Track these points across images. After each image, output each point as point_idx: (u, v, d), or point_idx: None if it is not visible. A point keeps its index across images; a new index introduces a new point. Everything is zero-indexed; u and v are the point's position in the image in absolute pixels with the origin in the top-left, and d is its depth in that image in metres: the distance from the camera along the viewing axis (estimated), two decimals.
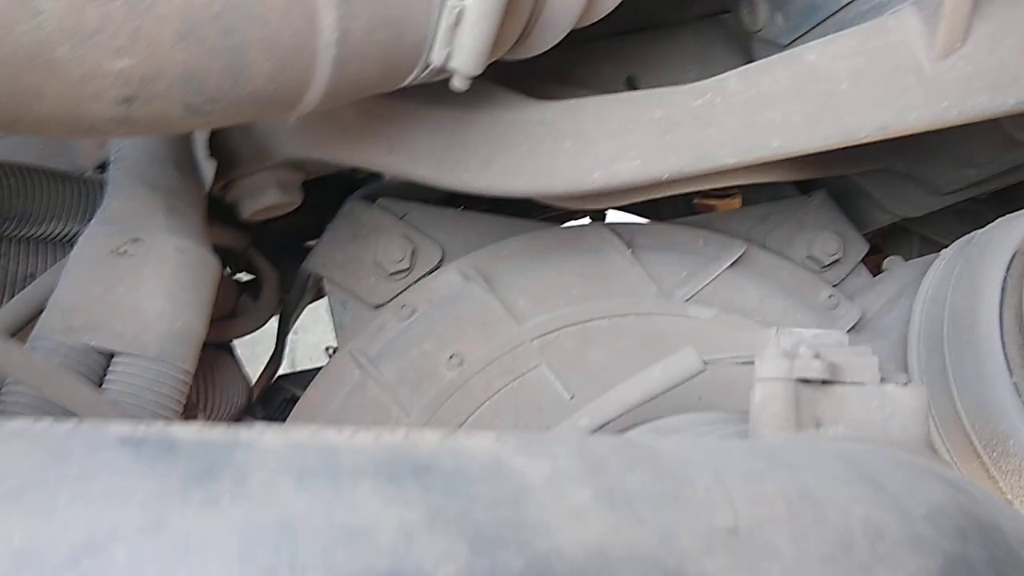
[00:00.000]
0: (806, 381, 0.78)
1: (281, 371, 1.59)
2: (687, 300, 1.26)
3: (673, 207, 1.61)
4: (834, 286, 1.36)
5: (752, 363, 0.96)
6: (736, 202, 1.70)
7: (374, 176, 1.46)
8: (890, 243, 1.65)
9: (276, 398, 1.53)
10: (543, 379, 1.20)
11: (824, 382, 0.78)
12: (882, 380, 0.79)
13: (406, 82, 0.92)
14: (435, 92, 1.04)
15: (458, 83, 0.93)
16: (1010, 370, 1.11)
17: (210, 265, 1.03)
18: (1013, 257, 1.16)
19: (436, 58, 0.90)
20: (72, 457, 0.47)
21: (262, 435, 0.51)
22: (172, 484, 0.46)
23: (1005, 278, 1.15)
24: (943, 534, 0.56)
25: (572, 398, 1.20)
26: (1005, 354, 1.11)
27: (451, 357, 1.19)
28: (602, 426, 1.04)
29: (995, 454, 1.13)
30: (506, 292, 1.23)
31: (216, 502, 0.45)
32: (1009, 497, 1.13)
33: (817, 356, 0.79)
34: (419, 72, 0.92)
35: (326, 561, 0.43)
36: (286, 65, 0.80)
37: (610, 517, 0.47)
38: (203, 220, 1.08)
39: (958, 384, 1.16)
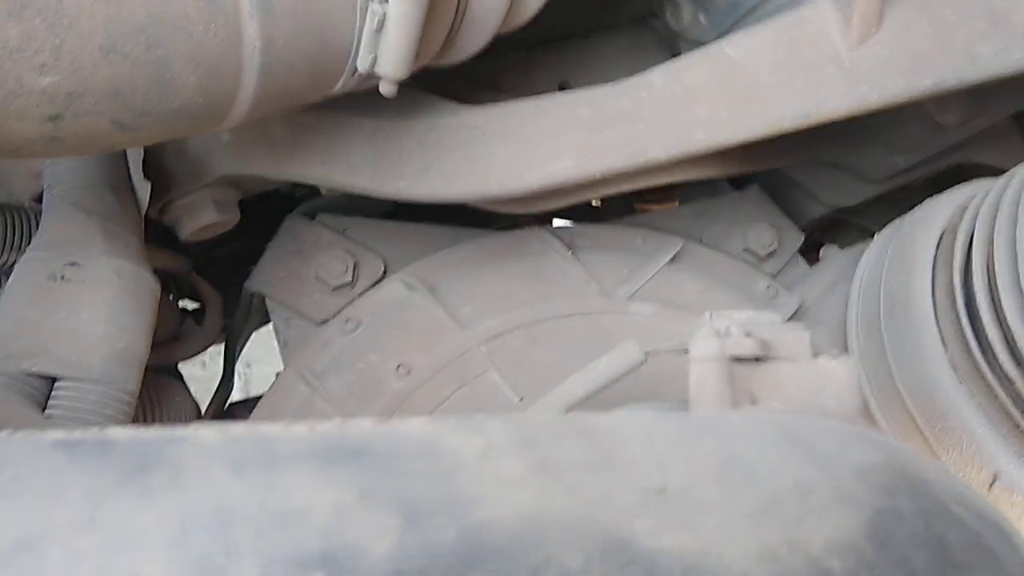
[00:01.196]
0: (739, 359, 0.80)
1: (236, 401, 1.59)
2: (629, 298, 1.28)
3: (615, 214, 1.63)
4: (772, 277, 1.39)
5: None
6: (674, 205, 1.72)
7: (315, 193, 1.46)
8: (829, 237, 1.68)
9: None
10: (492, 384, 1.20)
11: (757, 359, 0.80)
12: (814, 355, 0.81)
13: (335, 89, 0.93)
14: (367, 102, 1.06)
15: (386, 88, 0.94)
16: (945, 346, 1.14)
17: (149, 286, 1.03)
18: (942, 236, 1.20)
19: (362, 64, 0.91)
20: (6, 462, 0.47)
21: (198, 431, 0.51)
22: (106, 481, 0.46)
23: (935, 257, 1.18)
24: (872, 490, 0.57)
25: (522, 400, 1.21)
26: (940, 331, 1.14)
27: (398, 367, 1.19)
28: None
29: (936, 429, 1.15)
30: (451, 300, 1.24)
31: (151, 494, 0.46)
32: (952, 471, 1.15)
33: (749, 334, 0.81)
34: (347, 79, 0.93)
35: (261, 544, 0.43)
36: (212, 76, 0.80)
37: (542, 485, 0.48)
38: (141, 242, 1.07)
39: (897, 363, 1.18)
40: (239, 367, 1.35)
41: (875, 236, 1.35)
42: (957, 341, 1.13)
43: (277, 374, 1.32)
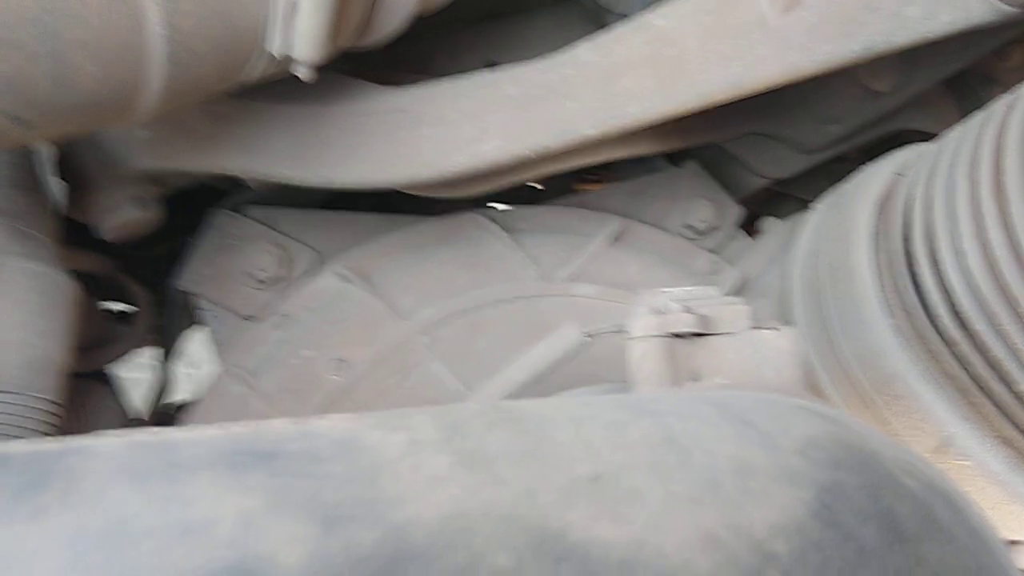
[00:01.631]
0: (679, 336, 0.78)
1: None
2: (569, 279, 1.26)
3: (554, 195, 1.61)
4: (713, 252, 1.37)
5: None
6: (612, 184, 1.70)
7: (242, 187, 1.42)
8: (769, 209, 1.67)
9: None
10: (434, 374, 1.17)
11: (697, 335, 0.78)
12: (754, 328, 0.79)
13: (250, 77, 0.89)
14: (287, 88, 1.02)
15: (303, 73, 0.90)
16: (889, 312, 1.13)
17: (66, 289, 0.98)
18: (879, 203, 1.19)
19: (276, 48, 0.87)
20: None
21: (98, 440, 0.47)
22: (1, 500, 0.43)
23: (875, 224, 1.17)
24: (816, 465, 0.55)
25: (468, 389, 1.18)
26: (883, 297, 1.13)
27: (335, 362, 1.15)
28: None
29: (885, 397, 1.14)
30: (387, 289, 1.20)
31: (44, 512, 0.42)
32: (905, 438, 1.15)
33: (687, 310, 0.79)
34: (261, 65, 0.89)
35: (162, 560, 0.40)
36: (114, 67, 0.76)
37: (469, 480, 0.45)
38: (55, 243, 1.02)
39: (842, 333, 1.18)
40: (188, 369, 1.30)
41: (814, 207, 1.34)
42: (900, 307, 1.13)
43: None
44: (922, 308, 1.11)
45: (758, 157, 1.52)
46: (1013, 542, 1.23)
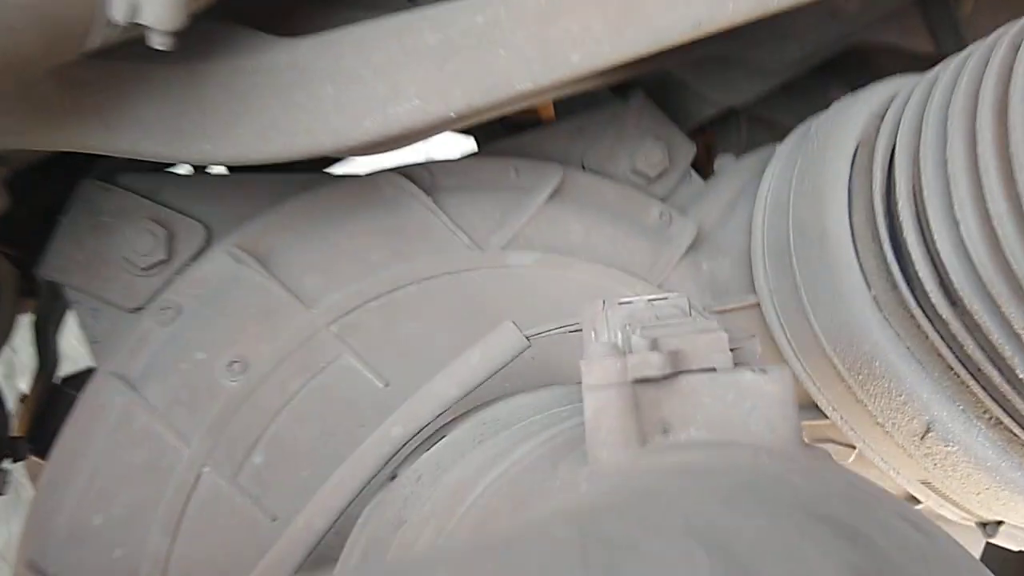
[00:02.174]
0: (645, 380, 0.62)
1: None
2: (504, 247, 1.09)
3: (481, 139, 1.43)
4: (664, 200, 1.21)
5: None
6: (550, 121, 1.51)
7: None
8: (719, 140, 1.50)
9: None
10: (349, 370, 1.01)
11: (666, 376, 0.63)
12: (736, 365, 0.64)
13: (90, 47, 0.69)
14: None
15: (159, 42, 0.71)
16: (868, 284, 0.99)
17: None
18: (856, 151, 1.04)
19: (118, 14, 0.67)
20: None
21: None
22: None
23: (850, 178, 1.02)
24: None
25: (387, 386, 1.02)
26: (860, 266, 0.99)
27: (231, 364, 0.98)
28: (419, 432, 0.87)
29: (861, 377, 1.02)
30: (288, 271, 1.03)
31: None
32: (880, 420, 1.03)
33: (654, 347, 0.63)
34: (103, 32, 0.69)
35: None
36: None
37: None
38: None
39: (813, 304, 1.04)
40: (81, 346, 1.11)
41: (777, 148, 1.18)
42: (881, 277, 0.99)
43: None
44: (905, 279, 0.97)
45: (711, 83, 1.34)
46: (998, 522, 1.14)
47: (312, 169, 1.18)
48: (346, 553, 0.87)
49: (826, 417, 1.11)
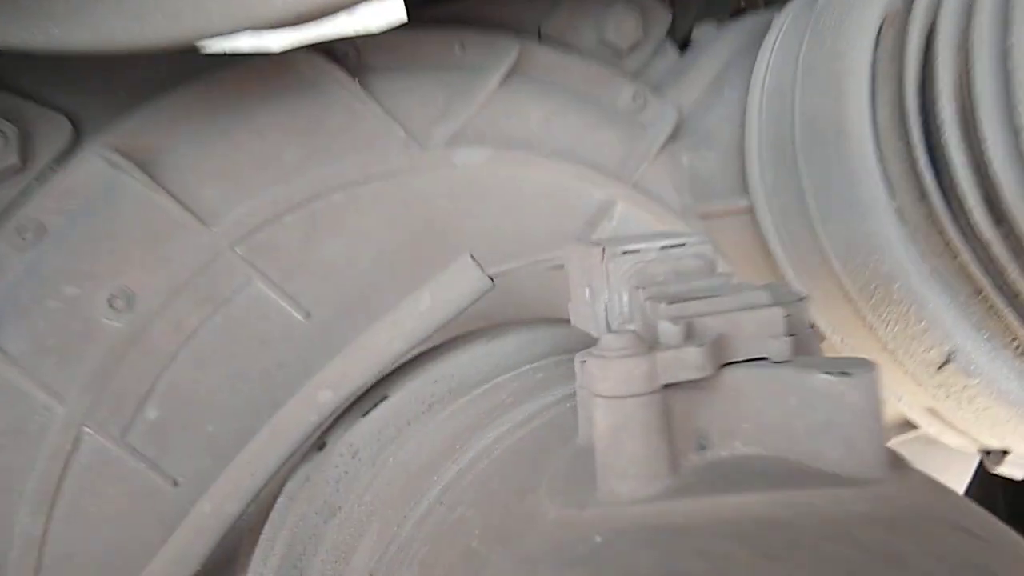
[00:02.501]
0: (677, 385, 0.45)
1: None
2: (449, 143, 0.89)
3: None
4: (637, 77, 1.01)
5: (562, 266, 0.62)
6: None
7: None
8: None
9: None
10: (261, 299, 0.82)
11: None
12: (799, 358, 0.47)
13: None
14: None
15: None
16: (891, 192, 0.83)
17: None
18: (881, 28, 0.85)
19: None
20: None
21: None
22: None
23: (874, 62, 0.84)
24: None
25: (308, 317, 0.83)
26: (883, 171, 0.83)
27: (112, 299, 0.78)
28: (353, 395, 0.69)
29: (874, 300, 0.87)
30: (182, 179, 0.81)
31: None
32: (890, 347, 0.89)
33: (689, 334, 0.46)
34: None
35: None
36: None
37: None
38: None
39: (822, 213, 0.87)
40: None
41: (775, 18, 0.98)
42: (908, 185, 0.82)
43: None
44: (939, 192, 0.81)
45: None
46: (1003, 452, 1.03)
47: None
48: (264, 545, 0.71)
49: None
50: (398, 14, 0.96)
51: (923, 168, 0.80)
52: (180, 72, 0.85)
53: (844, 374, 0.44)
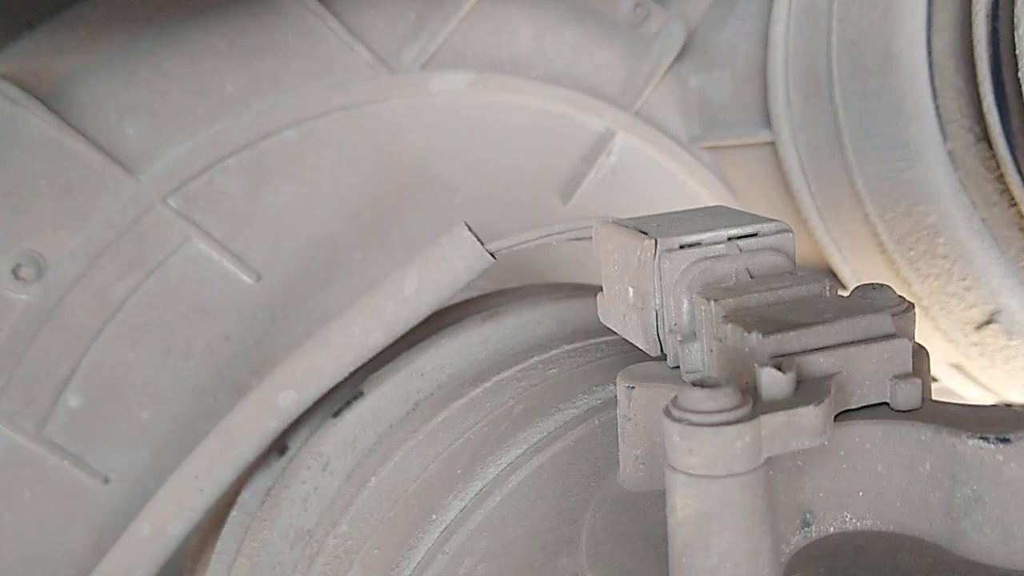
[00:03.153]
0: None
1: None
2: (424, 66, 0.74)
3: None
4: None
5: (588, 238, 0.49)
6: None
7: None
8: None
9: None
10: (201, 260, 0.68)
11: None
12: (929, 405, 0.35)
13: None
14: None
15: None
16: (943, 132, 0.71)
17: None
18: None
19: None
20: None
21: None
22: None
23: None
24: None
25: (259, 280, 0.70)
26: (937, 107, 0.71)
27: (17, 268, 0.64)
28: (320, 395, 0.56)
29: (913, 253, 0.76)
30: (98, 116, 0.66)
31: None
32: (925, 304, 0.78)
33: (801, 384, 0.34)
34: None
35: None
36: None
37: None
38: None
39: (859, 151, 0.75)
40: None
41: None
42: (964, 126, 0.71)
43: None
44: (1004, 134, 0.69)
45: None
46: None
47: None
48: (219, 573, 0.59)
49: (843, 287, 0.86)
50: None
51: (988, 105, 0.68)
52: None
53: (1002, 440, 0.33)
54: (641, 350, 0.43)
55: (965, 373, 0.87)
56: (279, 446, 0.61)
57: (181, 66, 0.68)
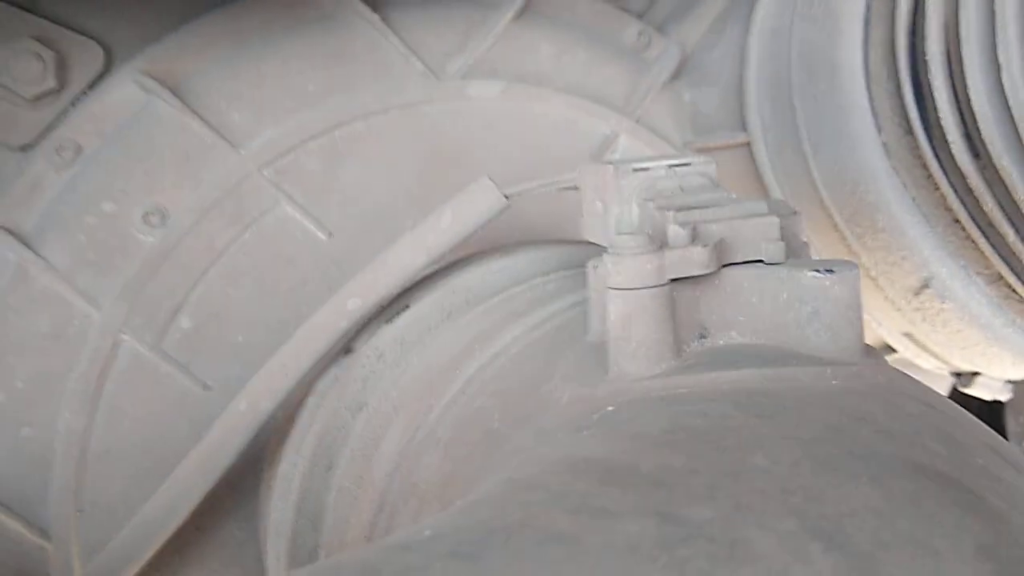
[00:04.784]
0: (684, 279, 0.51)
1: None
2: (465, 75, 0.94)
3: None
4: (641, 17, 1.06)
5: (574, 187, 0.67)
6: None
7: None
8: None
9: None
10: (287, 220, 0.87)
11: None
12: (791, 260, 0.53)
13: None
14: None
15: None
16: (878, 127, 0.88)
17: None
18: None
19: None
20: None
21: None
22: None
23: (868, 4, 0.88)
24: None
25: (331, 236, 0.88)
26: (872, 107, 0.88)
27: (147, 215, 0.83)
28: (379, 304, 0.75)
29: (859, 229, 0.92)
30: (211, 104, 0.86)
31: None
32: (872, 274, 0.95)
33: (695, 237, 0.51)
34: None
35: None
36: None
37: None
38: None
39: (814, 146, 0.93)
40: None
41: None
42: (894, 121, 0.88)
43: None
44: (923, 127, 0.86)
45: None
46: (973, 373, 1.09)
47: None
48: (296, 438, 0.77)
49: None
50: None
51: (909, 104, 0.85)
52: (205, 2, 0.89)
53: (829, 271, 0.50)
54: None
55: (915, 341, 1.02)
56: (346, 348, 0.79)
57: (275, 68, 0.88)
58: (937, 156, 0.85)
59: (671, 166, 0.61)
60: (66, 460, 0.81)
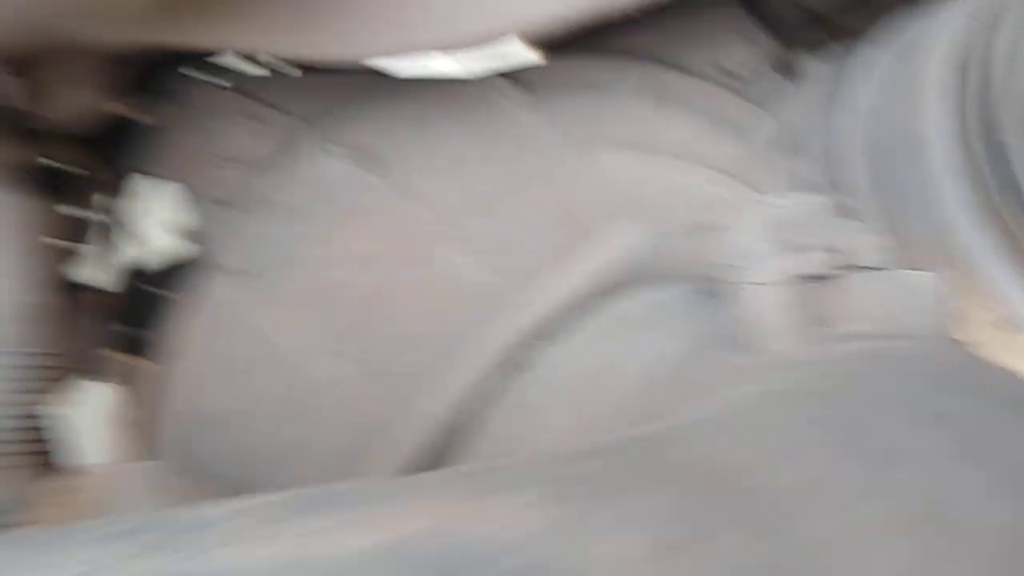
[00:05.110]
0: (809, 277, 0.65)
1: None
2: (598, 146, 1.10)
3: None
4: (750, 101, 1.22)
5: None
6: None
7: None
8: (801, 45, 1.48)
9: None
10: (456, 267, 1.03)
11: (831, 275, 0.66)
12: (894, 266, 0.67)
13: None
14: None
15: None
16: (962, 188, 1.01)
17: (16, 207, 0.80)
18: (956, 55, 1.04)
19: None
20: None
21: None
22: None
23: (949, 82, 1.02)
24: None
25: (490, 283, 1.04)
26: (956, 170, 1.01)
27: (348, 257, 1.00)
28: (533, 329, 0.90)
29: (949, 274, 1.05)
30: (399, 171, 1.03)
31: None
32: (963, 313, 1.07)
33: (829, 248, 0.66)
34: None
35: None
36: None
37: None
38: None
39: (908, 208, 1.06)
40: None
41: (864, 51, 1.18)
42: (979, 182, 1.01)
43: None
44: (998, 184, 0.99)
45: None
46: None
47: None
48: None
49: None
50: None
51: (990, 166, 0.98)
52: (384, 87, 1.08)
53: (919, 271, 0.64)
54: None
55: None
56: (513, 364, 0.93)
57: (443, 146, 1.02)
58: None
59: (795, 204, 0.75)
60: None
